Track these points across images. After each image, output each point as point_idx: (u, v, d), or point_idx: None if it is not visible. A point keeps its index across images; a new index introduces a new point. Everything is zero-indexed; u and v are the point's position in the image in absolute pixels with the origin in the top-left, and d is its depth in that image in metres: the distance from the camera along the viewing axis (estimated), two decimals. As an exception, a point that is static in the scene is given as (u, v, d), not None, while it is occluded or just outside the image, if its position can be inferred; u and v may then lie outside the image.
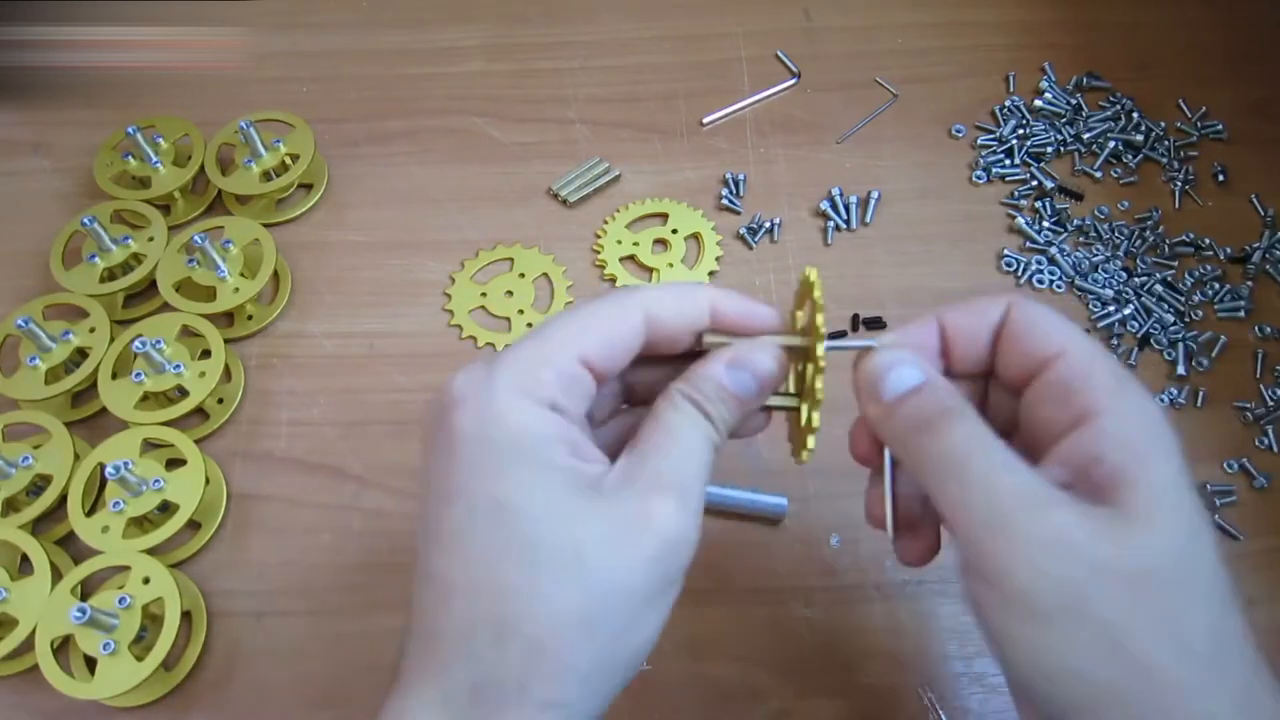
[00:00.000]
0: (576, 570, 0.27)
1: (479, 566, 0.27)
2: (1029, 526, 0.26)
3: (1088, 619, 0.26)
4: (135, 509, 0.46)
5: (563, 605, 0.26)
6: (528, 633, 0.26)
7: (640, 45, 0.66)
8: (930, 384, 0.30)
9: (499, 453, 0.27)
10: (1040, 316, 0.30)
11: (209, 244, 0.52)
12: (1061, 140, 0.60)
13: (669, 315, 0.31)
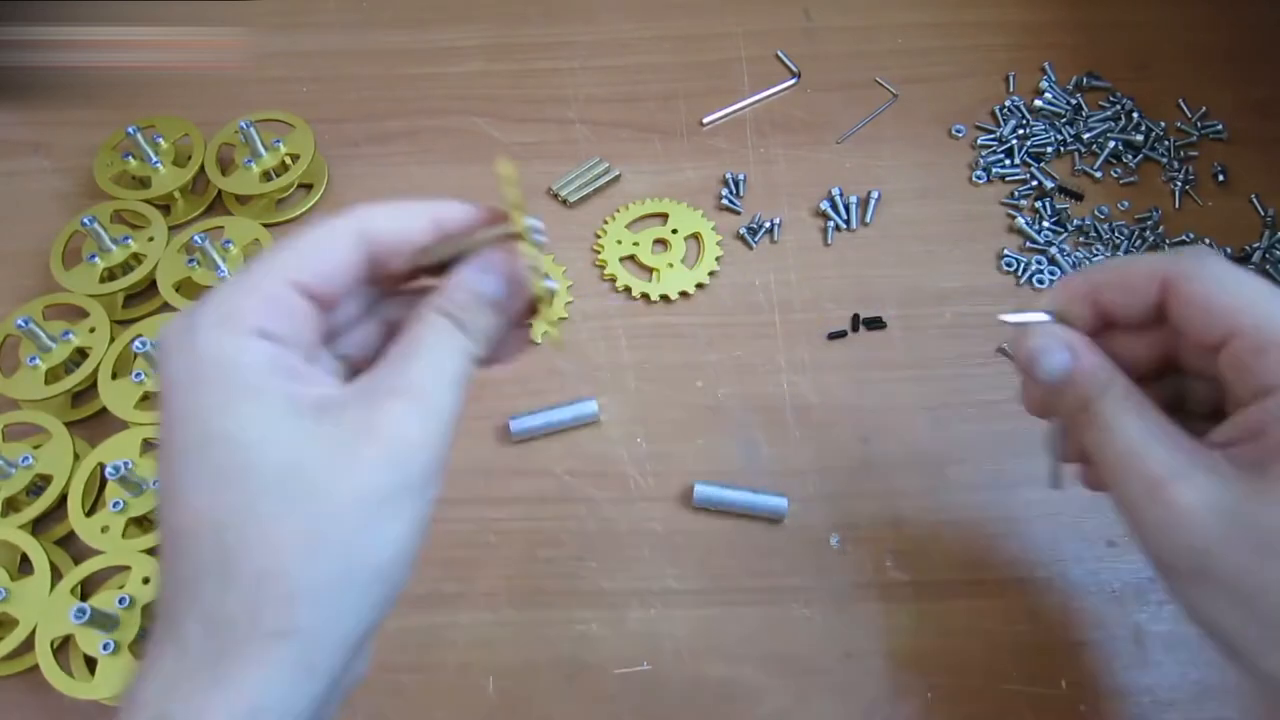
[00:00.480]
0: (294, 488, 0.25)
1: (199, 508, 0.25)
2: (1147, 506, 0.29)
3: (1210, 581, 0.28)
4: (135, 509, 0.46)
5: (281, 526, 0.25)
6: (250, 563, 0.25)
7: (640, 45, 0.66)
8: (1077, 370, 0.32)
9: (204, 389, 0.26)
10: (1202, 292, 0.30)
11: (209, 244, 0.52)
12: (1061, 140, 0.60)
13: (385, 230, 0.31)
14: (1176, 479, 0.29)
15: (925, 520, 0.47)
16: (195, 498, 0.25)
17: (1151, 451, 0.30)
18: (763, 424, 0.50)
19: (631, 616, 0.45)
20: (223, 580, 0.25)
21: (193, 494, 0.25)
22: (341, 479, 0.26)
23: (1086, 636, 0.44)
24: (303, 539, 0.25)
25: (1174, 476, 0.29)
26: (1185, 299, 0.31)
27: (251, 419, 0.26)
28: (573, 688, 0.44)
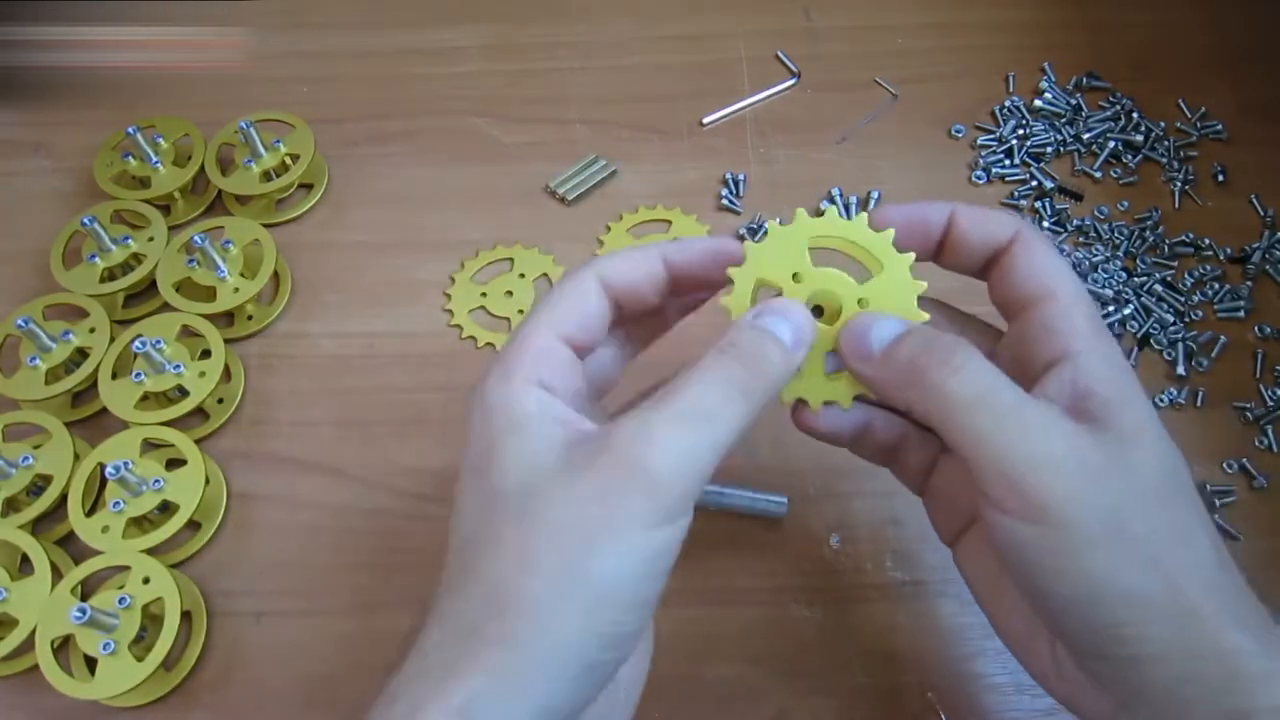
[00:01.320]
0: (528, 507, 0.27)
1: (465, 525, 0.29)
2: (1064, 456, 0.28)
3: (1124, 539, 0.27)
4: (135, 509, 0.46)
5: (509, 541, 0.27)
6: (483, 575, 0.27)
7: (640, 45, 0.66)
8: (916, 329, 0.32)
9: (485, 430, 0.29)
10: (1043, 252, 0.33)
11: (209, 244, 0.52)
12: (1061, 140, 0.60)
13: (621, 277, 0.33)
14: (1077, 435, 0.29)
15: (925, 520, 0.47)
16: (460, 519, 0.29)
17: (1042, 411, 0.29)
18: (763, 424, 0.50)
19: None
20: (460, 591, 0.27)
21: (461, 517, 0.29)
22: (567, 502, 0.27)
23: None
24: (524, 555, 0.27)
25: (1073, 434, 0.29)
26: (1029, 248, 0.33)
27: (510, 452, 0.28)
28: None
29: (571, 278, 0.33)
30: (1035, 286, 0.32)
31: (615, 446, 0.27)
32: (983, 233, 0.34)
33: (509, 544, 0.27)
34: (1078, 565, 0.27)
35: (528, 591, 0.26)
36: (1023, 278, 0.33)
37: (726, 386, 0.29)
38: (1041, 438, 0.28)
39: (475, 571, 0.27)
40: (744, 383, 0.29)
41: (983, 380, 0.29)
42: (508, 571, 0.27)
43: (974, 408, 0.29)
